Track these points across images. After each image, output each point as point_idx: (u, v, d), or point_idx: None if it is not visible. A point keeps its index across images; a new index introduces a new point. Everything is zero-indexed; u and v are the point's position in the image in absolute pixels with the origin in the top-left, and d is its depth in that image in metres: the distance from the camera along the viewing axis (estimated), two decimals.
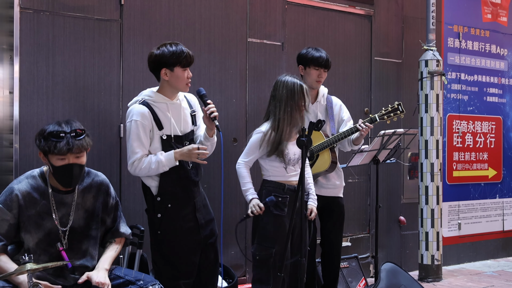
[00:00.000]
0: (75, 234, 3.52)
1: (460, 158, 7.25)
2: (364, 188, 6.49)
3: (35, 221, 3.42)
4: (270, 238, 4.21)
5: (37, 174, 3.51)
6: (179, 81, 3.99)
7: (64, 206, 3.50)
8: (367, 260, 6.40)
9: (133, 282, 3.51)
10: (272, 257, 4.20)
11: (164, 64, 3.95)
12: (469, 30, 7.34)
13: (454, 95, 7.19)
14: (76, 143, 3.35)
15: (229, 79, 5.48)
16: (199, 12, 5.32)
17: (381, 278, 5.13)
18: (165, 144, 3.97)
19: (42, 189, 3.46)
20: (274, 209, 4.22)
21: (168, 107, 4.02)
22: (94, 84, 4.79)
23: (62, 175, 3.41)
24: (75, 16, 4.70)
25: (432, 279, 6.35)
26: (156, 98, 4.01)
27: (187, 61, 3.98)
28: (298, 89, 4.26)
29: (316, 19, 6.15)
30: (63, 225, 3.49)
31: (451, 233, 7.16)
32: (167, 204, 3.97)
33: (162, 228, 3.99)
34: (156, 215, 3.97)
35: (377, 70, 6.60)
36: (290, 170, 4.32)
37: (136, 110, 3.93)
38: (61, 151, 3.32)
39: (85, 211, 3.57)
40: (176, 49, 3.94)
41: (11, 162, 4.43)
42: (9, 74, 4.49)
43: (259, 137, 4.28)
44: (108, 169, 4.66)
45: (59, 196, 3.49)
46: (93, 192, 3.61)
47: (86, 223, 3.57)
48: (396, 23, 6.79)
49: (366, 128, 4.69)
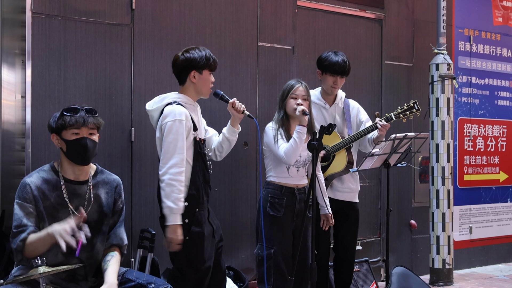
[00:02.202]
0: (89, 228, 3.52)
1: (471, 161, 7.23)
2: (375, 192, 6.48)
3: (50, 212, 3.42)
4: (268, 238, 4.23)
5: (48, 168, 3.53)
6: (205, 84, 4.07)
7: (77, 197, 3.50)
8: (378, 264, 6.39)
9: (144, 285, 3.51)
10: (271, 257, 4.23)
11: (194, 66, 4.02)
12: (480, 33, 7.32)
13: (465, 99, 7.17)
14: (91, 119, 3.46)
15: (240, 83, 5.49)
16: (210, 17, 5.34)
17: (392, 282, 5.12)
18: (196, 146, 3.99)
19: (54, 181, 3.47)
20: (270, 210, 4.28)
21: (194, 109, 4.09)
22: (105, 88, 4.81)
23: (76, 150, 3.44)
24: (86, 21, 4.73)
25: (443, 283, 6.33)
26: (186, 100, 4.05)
27: (215, 65, 4.09)
28: (288, 86, 4.39)
29: (327, 23, 6.15)
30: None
31: (462, 237, 7.14)
32: (195, 209, 3.96)
33: (192, 233, 3.95)
34: (183, 220, 3.92)
35: (388, 73, 6.60)
36: (293, 172, 4.33)
37: (179, 111, 3.91)
38: (77, 123, 3.41)
39: (99, 205, 3.58)
40: (205, 53, 4.05)
41: (23, 166, 4.45)
42: (21, 78, 4.52)
43: (271, 130, 4.39)
44: (119, 173, 4.66)
45: (72, 186, 3.49)
46: (106, 188, 3.62)
47: (100, 218, 3.57)
48: (407, 27, 6.78)
49: (383, 126, 4.70)
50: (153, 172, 5.00)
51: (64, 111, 3.45)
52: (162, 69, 5.05)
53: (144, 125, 4.94)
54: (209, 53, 4.06)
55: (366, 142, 4.97)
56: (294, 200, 4.33)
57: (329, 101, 4.96)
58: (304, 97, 4.33)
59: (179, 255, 3.96)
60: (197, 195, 3.97)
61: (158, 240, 4.67)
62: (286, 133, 4.33)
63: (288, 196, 4.32)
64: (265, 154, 4.46)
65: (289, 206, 4.31)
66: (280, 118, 4.37)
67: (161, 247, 4.88)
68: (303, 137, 4.14)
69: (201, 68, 4.02)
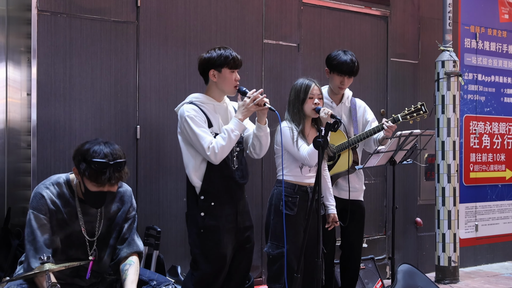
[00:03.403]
0: (98, 243, 3.55)
1: (477, 159, 7.21)
2: (380, 190, 6.47)
3: (60, 225, 3.44)
4: (280, 237, 4.23)
5: (63, 182, 3.49)
6: (226, 82, 4.06)
7: (88, 215, 3.52)
8: (383, 261, 6.38)
9: (146, 282, 3.53)
10: (284, 255, 4.22)
11: (212, 65, 4.05)
12: (486, 30, 7.30)
13: (471, 96, 7.15)
14: (116, 176, 3.36)
15: (245, 81, 5.48)
16: (215, 14, 5.34)
17: (397, 279, 5.12)
18: None
19: (67, 198, 3.46)
20: (284, 208, 4.25)
21: (215, 108, 4.08)
22: (110, 85, 4.81)
23: (94, 199, 3.41)
24: (92, 18, 4.73)
25: (449, 281, 6.32)
26: (203, 100, 4.07)
27: (235, 63, 4.06)
28: (304, 86, 4.33)
29: (332, 20, 6.14)
30: (90, 234, 3.51)
31: (468, 235, 7.12)
32: (210, 202, 4.00)
33: (206, 227, 4.00)
34: (199, 213, 3.99)
35: (393, 71, 6.58)
36: (305, 171, 4.33)
37: (186, 108, 3.99)
38: (101, 182, 3.32)
39: (108, 219, 3.59)
40: (224, 52, 4.05)
41: (28, 164, 4.46)
42: (26, 76, 4.52)
43: (287, 130, 4.34)
44: None
45: (85, 206, 3.49)
46: (117, 201, 3.62)
47: (108, 232, 3.59)
48: (413, 24, 6.76)
49: (390, 127, 4.69)
50: (159, 170, 5.01)
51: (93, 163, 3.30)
52: (168, 67, 5.05)
53: (149, 122, 4.94)
54: (228, 52, 4.05)
55: (371, 142, 4.96)
56: (306, 199, 4.31)
57: (336, 100, 4.95)
58: (319, 96, 4.33)
59: (194, 246, 4.04)
60: (212, 190, 4.00)
61: (163, 237, 4.68)
62: (303, 134, 4.32)
63: (301, 195, 4.30)
64: (276, 153, 4.43)
65: (302, 205, 4.30)
66: (297, 118, 4.34)
67: (166, 245, 4.90)
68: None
69: (220, 67, 4.03)
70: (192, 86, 5.02)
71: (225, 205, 4.05)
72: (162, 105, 5.03)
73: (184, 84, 5.12)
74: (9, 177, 4.56)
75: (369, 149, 5.03)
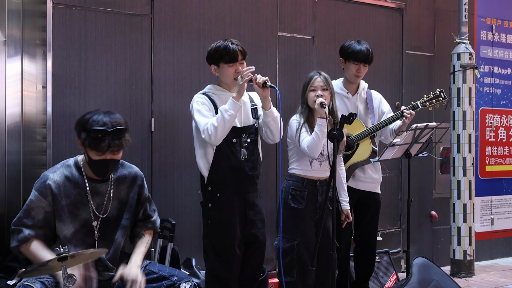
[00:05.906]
0: (109, 224, 3.58)
1: (493, 152, 7.16)
2: (395, 183, 6.45)
3: (70, 210, 3.47)
4: (290, 230, 4.23)
5: (72, 164, 3.56)
6: (225, 76, 4.05)
7: (98, 195, 3.55)
8: (398, 255, 6.36)
9: (166, 277, 3.54)
10: (295, 248, 4.22)
11: (211, 60, 4.07)
12: (502, 22, 7.23)
13: (487, 89, 7.10)
14: (116, 143, 3.39)
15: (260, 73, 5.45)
16: (229, 6, 5.33)
17: (413, 272, 5.09)
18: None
19: (77, 179, 3.51)
20: (292, 202, 4.25)
21: (227, 98, 4.01)
22: (125, 78, 4.82)
23: (97, 167, 3.46)
24: (106, 11, 4.74)
25: (465, 275, 6.29)
26: (216, 90, 4.09)
27: (230, 57, 3.99)
28: (307, 79, 4.31)
29: (347, 13, 6.11)
30: (98, 215, 3.55)
31: (484, 228, 7.08)
32: (216, 193, 4.00)
33: (212, 217, 4.02)
34: (207, 204, 4.01)
35: (409, 63, 6.55)
36: (315, 166, 4.31)
37: (195, 98, 4.04)
38: (101, 150, 3.37)
39: (119, 201, 3.62)
40: (220, 45, 4.01)
41: (44, 156, 4.48)
42: (42, 69, 4.54)
43: (295, 123, 4.33)
44: (139, 163, 4.68)
45: (93, 185, 3.54)
46: (127, 182, 3.66)
47: (119, 213, 3.62)
48: (428, 16, 6.72)
49: (409, 114, 4.68)
50: (173, 162, 5.02)
51: (92, 131, 3.36)
52: (182, 59, 5.05)
53: (164, 115, 4.95)
54: (224, 45, 3.99)
55: (387, 132, 4.95)
56: (315, 193, 4.30)
57: (351, 90, 4.93)
58: (323, 87, 4.26)
59: (204, 237, 4.09)
60: (218, 180, 3.99)
61: (178, 230, 4.68)
62: (310, 126, 4.30)
63: (309, 189, 4.29)
64: (289, 146, 4.42)
65: (311, 199, 4.29)
66: (303, 111, 4.34)
67: (181, 237, 4.90)
68: (324, 129, 4.07)
69: (217, 62, 4.04)
70: (206, 78, 5.01)
71: (233, 196, 4.02)
72: (176, 97, 5.03)
73: (198, 77, 5.11)
74: (25, 170, 4.58)
75: (385, 140, 5.01)
